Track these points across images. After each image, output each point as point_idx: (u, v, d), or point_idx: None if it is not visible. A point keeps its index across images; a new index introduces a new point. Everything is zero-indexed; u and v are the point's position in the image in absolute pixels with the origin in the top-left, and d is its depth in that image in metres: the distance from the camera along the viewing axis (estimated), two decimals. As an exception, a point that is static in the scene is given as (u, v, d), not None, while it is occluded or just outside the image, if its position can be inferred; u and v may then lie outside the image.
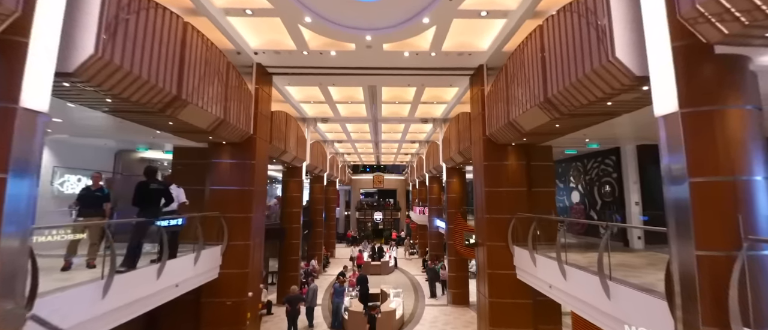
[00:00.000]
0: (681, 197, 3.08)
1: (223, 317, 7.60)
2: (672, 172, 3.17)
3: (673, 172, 3.16)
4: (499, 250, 7.81)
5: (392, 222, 33.31)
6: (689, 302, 3.03)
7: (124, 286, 4.84)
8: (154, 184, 5.58)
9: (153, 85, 4.82)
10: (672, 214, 3.17)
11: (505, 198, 7.90)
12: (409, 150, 23.47)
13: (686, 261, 3.03)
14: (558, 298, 5.97)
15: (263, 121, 8.74)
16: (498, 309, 7.72)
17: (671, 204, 3.18)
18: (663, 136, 3.27)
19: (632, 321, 4.14)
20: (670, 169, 3.18)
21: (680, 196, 3.09)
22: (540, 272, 6.46)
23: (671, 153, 3.19)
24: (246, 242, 7.92)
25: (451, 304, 13.39)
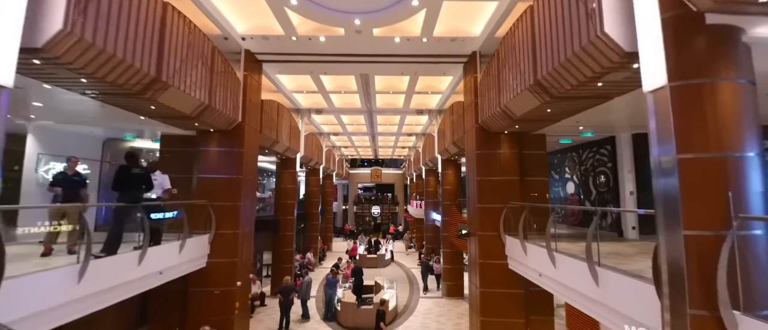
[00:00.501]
0: (669, 176, 2.94)
1: (211, 306, 7.52)
2: (660, 150, 3.03)
3: (661, 150, 3.02)
4: (491, 240, 7.70)
5: (390, 216, 33.26)
6: (676, 285, 2.91)
7: (102, 272, 4.74)
8: (136, 169, 5.45)
9: (129, 65, 4.67)
10: (660, 194, 3.03)
11: (498, 187, 7.77)
12: (406, 143, 23.31)
13: (673, 242, 2.90)
14: (548, 287, 5.86)
15: (253, 109, 8.59)
16: (489, 299, 7.62)
17: (659, 184, 3.04)
18: (651, 113, 3.13)
19: (620, 307, 4.03)
20: (659, 147, 3.04)
21: (668, 174, 2.95)
22: (530, 261, 6.35)
23: (659, 130, 3.04)
24: (234, 231, 7.81)
25: (446, 296, 13.33)
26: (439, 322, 10.79)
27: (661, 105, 3.01)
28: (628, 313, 3.90)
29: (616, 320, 4.20)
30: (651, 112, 3.13)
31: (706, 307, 2.77)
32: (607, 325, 4.49)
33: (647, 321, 3.57)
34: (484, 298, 7.67)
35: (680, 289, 2.87)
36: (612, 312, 4.22)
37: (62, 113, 7.07)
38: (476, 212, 7.93)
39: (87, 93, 5.40)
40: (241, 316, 8.02)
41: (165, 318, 7.86)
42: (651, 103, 3.14)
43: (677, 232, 2.86)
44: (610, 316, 4.29)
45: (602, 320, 4.51)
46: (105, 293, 4.91)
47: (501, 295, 7.57)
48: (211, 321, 7.37)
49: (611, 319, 4.31)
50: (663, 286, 3.02)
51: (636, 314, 3.78)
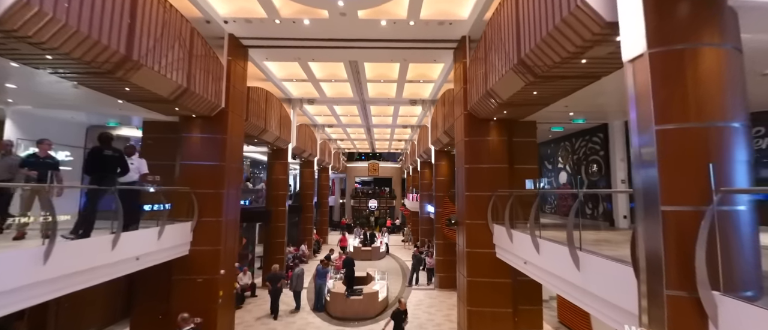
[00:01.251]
0: (647, 149, 2.77)
1: (195, 295, 7.40)
2: (639, 123, 2.86)
3: (640, 123, 2.85)
4: (479, 229, 7.55)
5: (387, 210, 33.16)
6: (653, 264, 2.75)
7: (71, 255, 4.60)
8: (109, 152, 5.30)
9: (95, 41, 4.49)
10: (638, 169, 2.86)
11: (486, 175, 7.60)
12: (402, 136, 23.12)
13: (651, 219, 2.74)
14: (532, 275, 5.72)
15: (237, 95, 8.41)
16: (476, 289, 7.49)
17: (637, 159, 2.87)
18: (630, 85, 2.95)
19: (601, 292, 3.88)
20: (637, 120, 2.86)
21: (647, 147, 2.78)
22: (516, 248, 6.20)
23: (638, 101, 2.87)
24: (217, 219, 7.68)
25: (438, 288, 13.23)
26: (429, 313, 10.69)
27: (641, 74, 2.83)
28: (608, 297, 3.75)
29: (597, 306, 4.06)
30: (630, 84, 2.95)
31: (684, 288, 2.61)
32: (588, 311, 4.34)
33: (627, 305, 3.42)
34: (471, 287, 7.54)
35: (657, 268, 2.71)
36: (593, 298, 4.08)
37: (40, 96, 6.93)
38: (464, 200, 7.78)
39: (59, 72, 5.23)
40: (226, 305, 7.91)
41: (149, 307, 7.75)
42: (630, 74, 2.96)
43: (655, 209, 2.70)
44: (592, 301, 4.15)
45: (584, 307, 4.36)
46: (75, 277, 4.77)
47: (488, 285, 7.44)
48: (194, 310, 7.23)
49: (592, 305, 4.17)
50: (640, 267, 2.86)
51: (616, 299, 3.63)
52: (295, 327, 9.54)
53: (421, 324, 9.76)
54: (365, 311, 10.21)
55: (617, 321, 3.74)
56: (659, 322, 2.70)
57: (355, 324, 9.74)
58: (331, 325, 9.75)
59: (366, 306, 10.25)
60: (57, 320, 7.95)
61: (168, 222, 6.77)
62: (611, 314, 3.81)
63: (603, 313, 3.97)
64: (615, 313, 3.73)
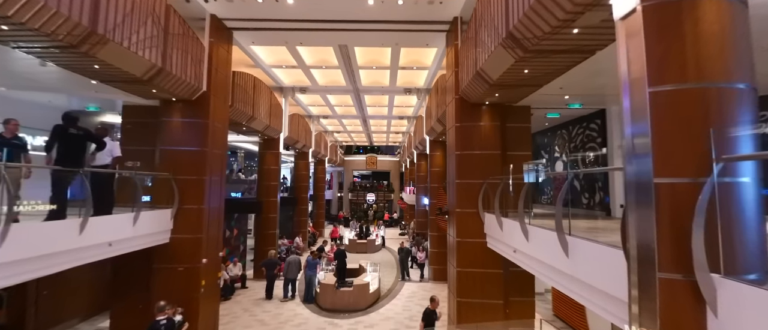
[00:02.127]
0: (639, 115, 2.46)
1: (176, 284, 7.17)
2: (631, 88, 2.55)
3: (632, 88, 2.54)
4: (470, 218, 7.27)
5: (385, 204, 32.95)
6: (644, 244, 2.46)
7: (32, 238, 4.34)
8: (73, 130, 5.03)
9: (53, 10, 4.18)
10: (629, 139, 2.56)
11: (477, 162, 7.31)
12: (399, 128, 22.80)
13: (643, 193, 2.44)
14: (521, 263, 5.44)
15: (221, 79, 8.11)
16: (466, 279, 7.24)
17: (629, 128, 2.57)
18: (621, 46, 2.64)
19: (590, 279, 3.60)
20: (629, 84, 2.56)
21: (639, 114, 2.47)
22: (506, 236, 5.92)
23: (631, 63, 2.56)
24: (199, 206, 7.42)
25: (432, 280, 13.01)
26: (421, 305, 10.43)
27: (633, 32, 2.52)
28: (598, 285, 3.48)
29: (587, 295, 3.78)
30: (621, 45, 2.64)
31: (679, 270, 2.32)
32: (578, 301, 4.07)
33: (617, 293, 3.15)
34: (461, 278, 7.28)
35: (648, 249, 2.42)
36: (582, 286, 3.80)
37: (13, 77, 6.66)
38: (455, 189, 7.49)
39: (21, 47, 4.94)
40: (210, 295, 7.68)
41: (130, 296, 7.54)
42: (622, 35, 2.65)
43: (647, 182, 2.40)
44: (581, 290, 3.87)
45: (574, 296, 4.09)
46: (38, 261, 4.51)
47: (478, 275, 7.18)
48: (175, 299, 7.01)
49: (582, 294, 3.89)
50: (630, 247, 2.57)
51: (606, 286, 3.35)
52: (283, 318, 9.33)
53: (412, 316, 9.53)
54: (356, 303, 9.99)
55: (608, 310, 3.47)
56: (650, 309, 2.41)
57: (345, 316, 9.52)
58: (319, 316, 9.53)
59: (356, 298, 10.03)
60: (37, 309, 7.75)
61: (146, 208, 6.53)
62: (601, 303, 3.54)
63: (593, 302, 3.70)
64: (605, 302, 3.45)
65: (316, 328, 8.77)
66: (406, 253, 13.13)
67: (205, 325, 7.50)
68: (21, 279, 4.47)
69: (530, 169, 5.49)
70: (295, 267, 11.20)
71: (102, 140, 5.36)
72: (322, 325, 8.96)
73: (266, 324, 8.91)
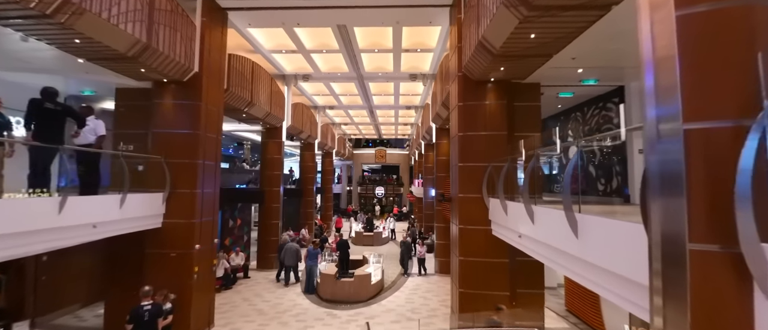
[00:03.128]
0: (664, 49, 1.96)
1: (168, 270, 7.00)
2: (655, 14, 2.04)
3: (655, 13, 2.03)
4: (473, 203, 6.80)
5: (395, 198, 32.55)
6: (671, 209, 1.97)
7: (7, 213, 4.13)
8: (49, 104, 4.82)
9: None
10: (651, 77, 2.06)
11: (482, 143, 6.81)
12: (407, 119, 22.29)
13: (670, 143, 1.95)
14: (527, 249, 4.95)
15: (215, 61, 7.85)
16: (469, 269, 6.78)
17: (649, 65, 2.07)
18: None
19: (603, 262, 3.11)
20: (652, 10, 2.05)
21: (663, 46, 1.97)
22: (510, 221, 5.43)
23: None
24: (192, 191, 7.21)
25: (438, 272, 12.56)
26: (425, 298, 10.05)
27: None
28: (612, 267, 2.98)
29: (600, 280, 3.29)
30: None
31: (715, 239, 1.83)
32: (590, 288, 3.57)
33: (635, 275, 2.66)
34: (464, 267, 6.83)
35: (676, 213, 1.93)
36: (594, 270, 3.31)
37: (2, 58, 6.54)
38: (457, 172, 7.02)
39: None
40: (205, 283, 7.48)
41: (125, 282, 7.40)
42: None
43: (675, 127, 1.90)
44: (593, 275, 3.38)
45: (585, 282, 3.59)
46: (14, 238, 4.31)
47: (483, 265, 6.70)
48: (168, 285, 6.80)
49: (594, 280, 3.40)
50: (651, 213, 2.09)
51: (621, 268, 2.86)
52: (282, 308, 9.09)
53: (415, 308, 9.14)
54: (356, 294, 9.66)
55: (625, 298, 2.98)
56: (678, 291, 1.93)
57: (345, 307, 9.20)
58: (318, 307, 9.25)
59: (357, 289, 9.70)
60: (36, 296, 7.73)
61: (136, 191, 6.34)
62: (617, 289, 3.05)
63: (607, 289, 3.21)
64: (622, 288, 2.96)
65: (314, 318, 8.48)
66: (408, 247, 12.59)
67: (198, 313, 7.31)
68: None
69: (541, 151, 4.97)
70: (293, 255, 11.05)
71: (81, 117, 5.15)
72: (321, 315, 8.68)
73: (264, 314, 8.68)
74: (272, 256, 13.01)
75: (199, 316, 7.37)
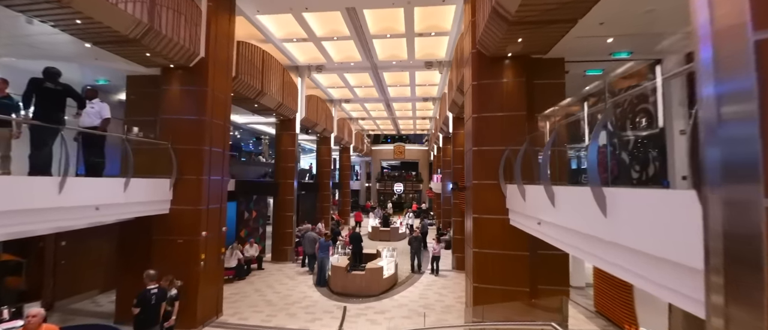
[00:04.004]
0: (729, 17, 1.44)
1: (175, 256, 6.96)
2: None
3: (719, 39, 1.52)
4: (488, 190, 6.26)
5: (414, 194, 32.02)
6: (738, 201, 1.45)
7: (5, 189, 4.10)
8: (50, 84, 4.79)
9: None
10: (709, 46, 1.55)
11: (498, 125, 6.25)
12: (425, 112, 21.73)
13: (736, 124, 1.44)
14: (547, 237, 4.39)
15: (222, 46, 7.74)
16: (484, 261, 6.25)
17: (707, 29, 1.55)
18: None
19: (638, 243, 2.56)
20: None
21: (726, 11, 1.45)
22: (529, 207, 4.88)
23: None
24: (199, 177, 7.13)
25: (455, 269, 12.00)
26: (440, 294, 9.55)
27: None
28: (651, 248, 2.43)
29: (636, 267, 2.73)
30: None
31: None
32: (624, 278, 3.01)
33: (684, 256, 2.11)
34: (478, 260, 6.31)
35: (746, 208, 1.41)
36: (629, 255, 2.75)
37: (17, 46, 6.71)
38: (471, 157, 6.50)
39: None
40: (211, 270, 7.40)
41: (136, 267, 7.45)
42: None
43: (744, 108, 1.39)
44: (627, 261, 2.81)
45: (617, 271, 3.03)
46: (12, 216, 4.27)
47: (499, 258, 6.16)
48: (175, 272, 6.77)
49: (629, 268, 2.83)
50: (709, 207, 1.57)
51: (664, 249, 2.30)
52: (292, 299, 8.91)
53: (429, 304, 8.67)
54: (368, 288, 9.32)
55: (668, 287, 2.42)
56: (748, 292, 1.41)
57: (356, 300, 8.89)
58: (328, 299, 8.99)
59: (369, 282, 9.36)
60: (55, 279, 7.95)
61: (143, 176, 6.32)
62: (657, 276, 2.49)
63: (645, 278, 2.65)
64: (664, 273, 2.40)
65: (323, 310, 8.23)
66: (419, 242, 11.93)
67: (205, 301, 7.23)
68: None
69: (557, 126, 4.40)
70: (311, 243, 11.13)
71: (82, 97, 5.11)
72: (330, 308, 8.41)
73: (273, 305, 8.53)
74: (287, 248, 12.96)
75: (206, 304, 7.29)
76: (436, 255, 11.28)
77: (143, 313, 5.33)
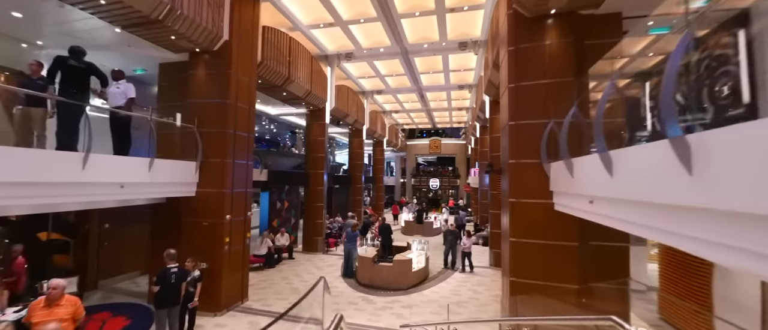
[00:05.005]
0: None
1: (200, 239, 7.01)
2: None
3: None
4: (528, 170, 5.44)
5: (451, 190, 30.87)
6: None
7: (31, 161, 4.20)
8: (74, 62, 4.89)
9: None
10: None
11: (539, 94, 5.41)
12: (462, 102, 20.67)
13: None
14: (602, 217, 3.55)
15: (246, 30, 7.69)
16: (523, 253, 5.44)
17: None
18: None
19: (745, 202, 1.76)
20: None
21: None
22: (577, 183, 4.04)
23: None
24: (223, 160, 7.11)
25: (493, 265, 11.06)
26: (474, 291, 8.76)
27: None
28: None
29: (740, 240, 1.91)
30: None
31: None
32: (716, 260, 2.18)
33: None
34: (516, 251, 5.51)
35: None
36: (730, 225, 1.93)
37: (59, 35, 7.13)
38: (508, 134, 5.70)
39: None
40: (236, 255, 7.36)
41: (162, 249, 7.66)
42: None
43: None
44: (727, 235, 1.99)
45: (708, 253, 2.20)
46: (36, 188, 4.37)
47: (541, 249, 5.32)
48: (199, 254, 6.81)
49: (730, 241, 2.01)
50: None
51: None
52: (318, 288, 8.65)
53: (461, 301, 7.95)
54: (395, 281, 8.80)
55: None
56: None
57: (382, 293, 8.42)
58: (354, 291, 8.62)
59: (396, 275, 8.83)
60: (99, 259, 8.45)
61: (169, 158, 6.39)
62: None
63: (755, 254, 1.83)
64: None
65: (348, 301, 7.86)
66: (455, 237, 10.95)
67: (230, 285, 7.20)
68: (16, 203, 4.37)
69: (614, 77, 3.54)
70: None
71: (104, 75, 5.19)
72: (355, 299, 8.02)
73: (299, 293, 8.33)
74: (317, 238, 12.86)
75: (232, 288, 7.26)
76: (467, 251, 10.40)
77: (163, 291, 5.31)
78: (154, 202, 6.72)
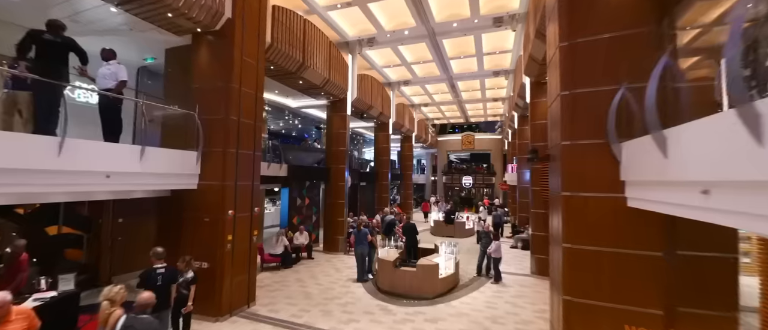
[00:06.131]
0: None
1: (201, 236, 6.43)
2: None
3: None
4: (588, 154, 4.12)
5: (486, 188, 28.92)
6: None
7: None
8: (49, 35, 4.37)
9: None
10: None
11: (601, 53, 4.07)
12: (498, 92, 18.98)
13: None
14: (731, 217, 2.23)
15: (251, 7, 6.99)
16: (582, 264, 4.12)
17: None
18: None
19: None
20: None
21: None
22: (674, 167, 2.72)
23: None
24: (225, 149, 6.46)
25: (535, 273, 9.57)
26: (514, 304, 7.41)
27: None
28: None
29: None
30: None
31: None
32: None
33: None
34: (571, 260, 4.20)
35: None
36: None
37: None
38: (560, 107, 4.40)
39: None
40: (241, 254, 6.69)
41: (169, 248, 7.17)
42: None
43: None
44: None
45: None
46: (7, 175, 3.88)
47: (608, 259, 3.98)
48: (200, 253, 6.26)
49: None
50: None
51: None
52: (332, 294, 7.81)
53: (497, 317, 6.67)
54: (419, 288, 7.70)
55: None
56: None
57: (404, 302, 7.36)
58: (372, 298, 7.64)
59: (421, 282, 7.73)
60: (112, 254, 8.22)
61: (167, 147, 5.83)
62: None
63: None
64: None
65: (363, 310, 6.91)
66: (490, 238, 9.32)
67: (234, 288, 6.53)
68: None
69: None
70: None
71: (84, 51, 4.64)
72: (372, 308, 7.05)
73: (311, 298, 7.54)
74: (338, 237, 12.08)
75: (236, 291, 6.59)
76: (497, 257, 8.91)
77: (148, 294, 4.66)
78: (156, 195, 6.22)
